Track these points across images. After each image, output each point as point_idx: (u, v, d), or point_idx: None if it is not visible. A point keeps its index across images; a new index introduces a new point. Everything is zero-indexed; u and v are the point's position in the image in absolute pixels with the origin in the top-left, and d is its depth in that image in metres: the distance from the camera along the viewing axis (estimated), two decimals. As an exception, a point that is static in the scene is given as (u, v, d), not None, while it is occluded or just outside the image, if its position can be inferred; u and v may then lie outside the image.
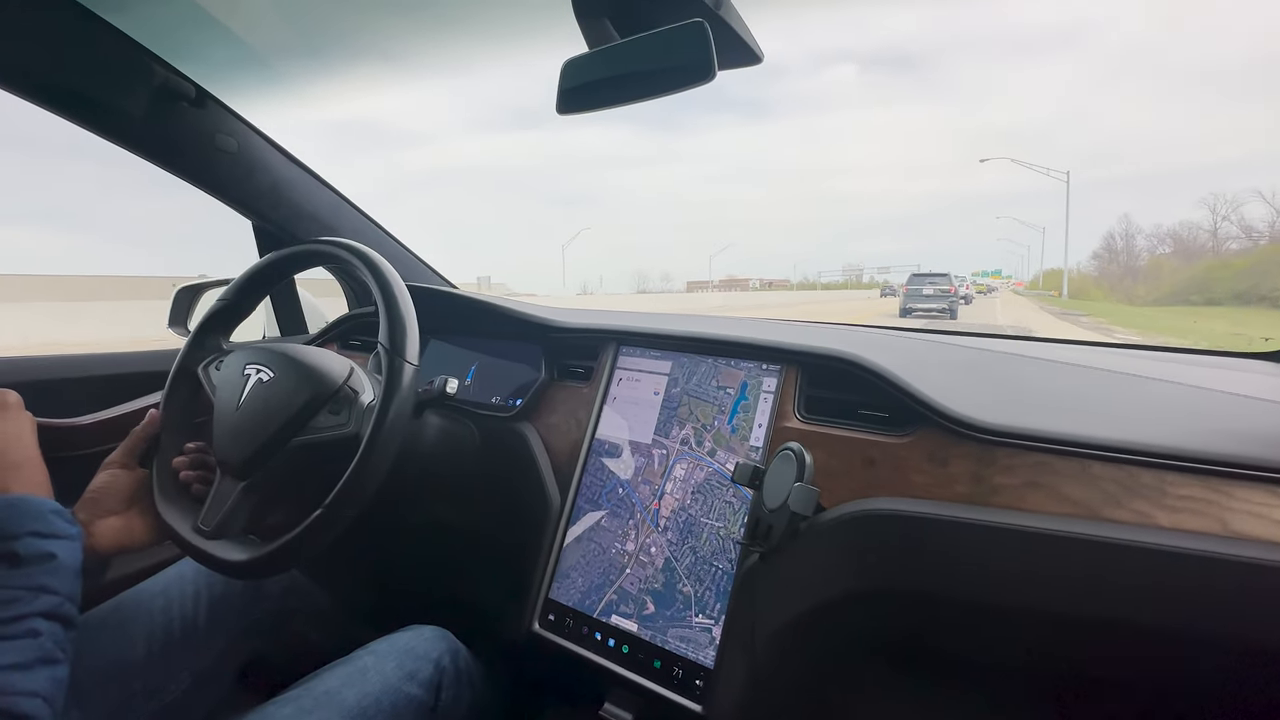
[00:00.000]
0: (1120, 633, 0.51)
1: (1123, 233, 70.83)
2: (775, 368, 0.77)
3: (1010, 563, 0.54)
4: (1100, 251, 75.46)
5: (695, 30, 0.54)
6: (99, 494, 0.66)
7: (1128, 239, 69.70)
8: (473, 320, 1.04)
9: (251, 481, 0.66)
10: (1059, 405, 0.64)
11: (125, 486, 0.67)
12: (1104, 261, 72.44)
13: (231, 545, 0.64)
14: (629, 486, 0.81)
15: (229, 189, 1.06)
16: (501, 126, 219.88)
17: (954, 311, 17.10)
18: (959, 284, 21.45)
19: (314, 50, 1.05)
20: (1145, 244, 67.72)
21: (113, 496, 0.66)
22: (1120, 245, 69.69)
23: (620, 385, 0.87)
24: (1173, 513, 0.52)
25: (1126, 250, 69.05)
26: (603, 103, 0.62)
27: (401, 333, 0.66)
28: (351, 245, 0.73)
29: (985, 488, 0.58)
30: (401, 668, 0.69)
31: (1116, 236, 70.89)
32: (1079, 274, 69.51)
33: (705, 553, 0.73)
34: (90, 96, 0.87)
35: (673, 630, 0.72)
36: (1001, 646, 0.59)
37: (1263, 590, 0.47)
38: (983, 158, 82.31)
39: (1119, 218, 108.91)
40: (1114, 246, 70.62)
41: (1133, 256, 67.34)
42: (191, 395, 0.75)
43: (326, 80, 1.17)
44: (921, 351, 0.79)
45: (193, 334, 0.76)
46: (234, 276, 0.79)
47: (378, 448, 0.62)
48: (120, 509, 0.66)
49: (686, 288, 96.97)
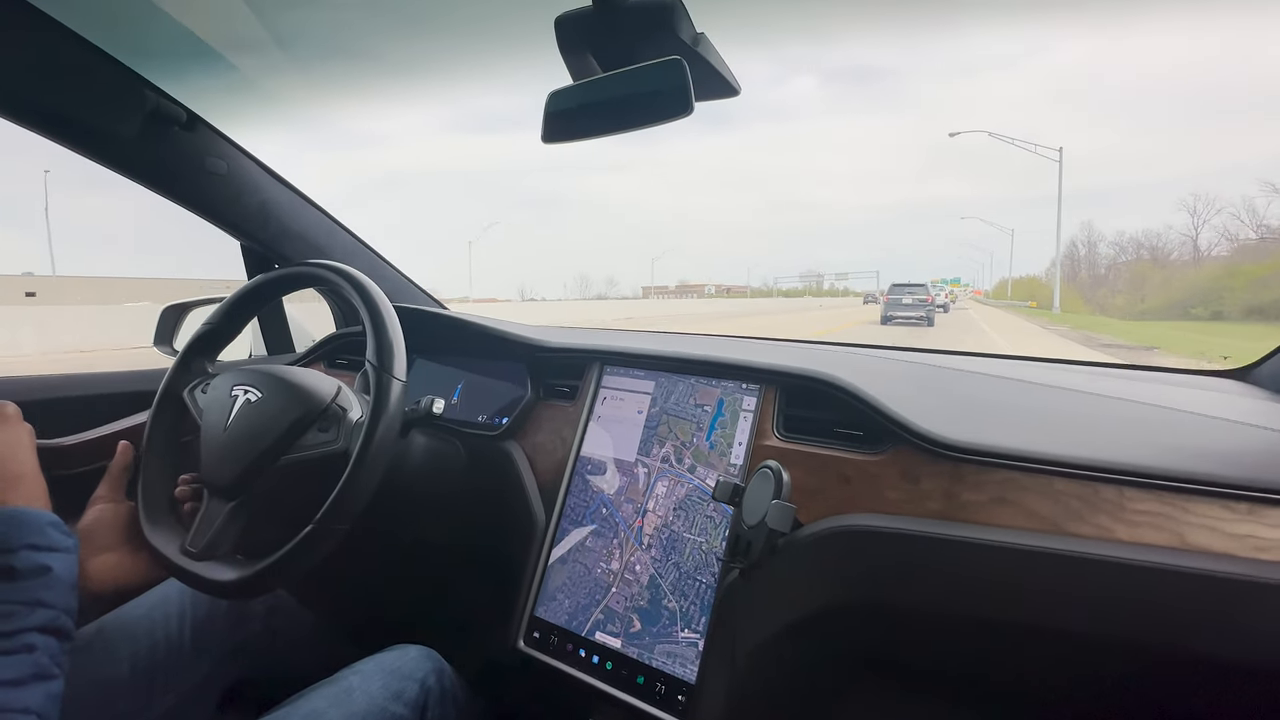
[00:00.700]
0: (1086, 645, 0.53)
1: (1085, 240, 66.78)
2: (755, 387, 0.79)
3: (980, 576, 0.56)
4: (1060, 260, 71.18)
5: (673, 67, 0.56)
6: (89, 531, 0.65)
7: (1090, 246, 65.79)
8: (459, 340, 1.06)
9: (240, 502, 0.67)
10: (1026, 423, 0.66)
11: (115, 522, 0.67)
12: (1065, 270, 67.49)
13: (220, 565, 0.64)
14: (612, 505, 0.82)
15: (218, 211, 1.07)
16: (471, 129, 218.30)
17: (930, 319, 17.79)
18: (936, 293, 22.45)
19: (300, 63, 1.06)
20: (1108, 251, 63.88)
21: (104, 533, 0.66)
22: (1082, 253, 66.18)
23: (605, 404, 0.88)
24: (1132, 527, 0.54)
25: (1089, 258, 65.36)
26: (585, 133, 0.64)
27: (389, 349, 0.68)
28: (336, 266, 0.74)
29: (956, 504, 0.61)
30: (387, 688, 0.69)
31: (1079, 244, 66.90)
32: (1045, 283, 64.99)
33: (689, 568, 0.74)
34: (83, 121, 0.88)
35: (660, 647, 0.73)
36: (973, 659, 0.61)
37: (1217, 602, 0.49)
38: (953, 131, 67.89)
39: (1080, 224, 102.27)
40: (1076, 255, 66.68)
41: (1094, 265, 64.10)
42: (177, 420, 0.75)
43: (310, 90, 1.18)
44: (895, 371, 0.81)
45: (178, 359, 0.77)
46: (213, 295, 0.80)
47: (367, 463, 0.63)
48: (113, 545, 0.66)
49: (643, 293, 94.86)
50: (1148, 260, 53.30)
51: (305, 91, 1.17)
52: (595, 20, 0.60)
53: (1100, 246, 64.37)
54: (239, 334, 0.81)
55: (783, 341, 1.05)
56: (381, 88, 1.17)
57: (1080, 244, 66.38)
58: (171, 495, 0.72)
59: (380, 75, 1.11)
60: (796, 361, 0.77)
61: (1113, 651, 0.53)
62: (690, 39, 0.60)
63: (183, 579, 0.65)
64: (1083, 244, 66.09)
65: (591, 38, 0.62)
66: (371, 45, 0.98)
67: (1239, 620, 0.48)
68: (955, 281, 71.47)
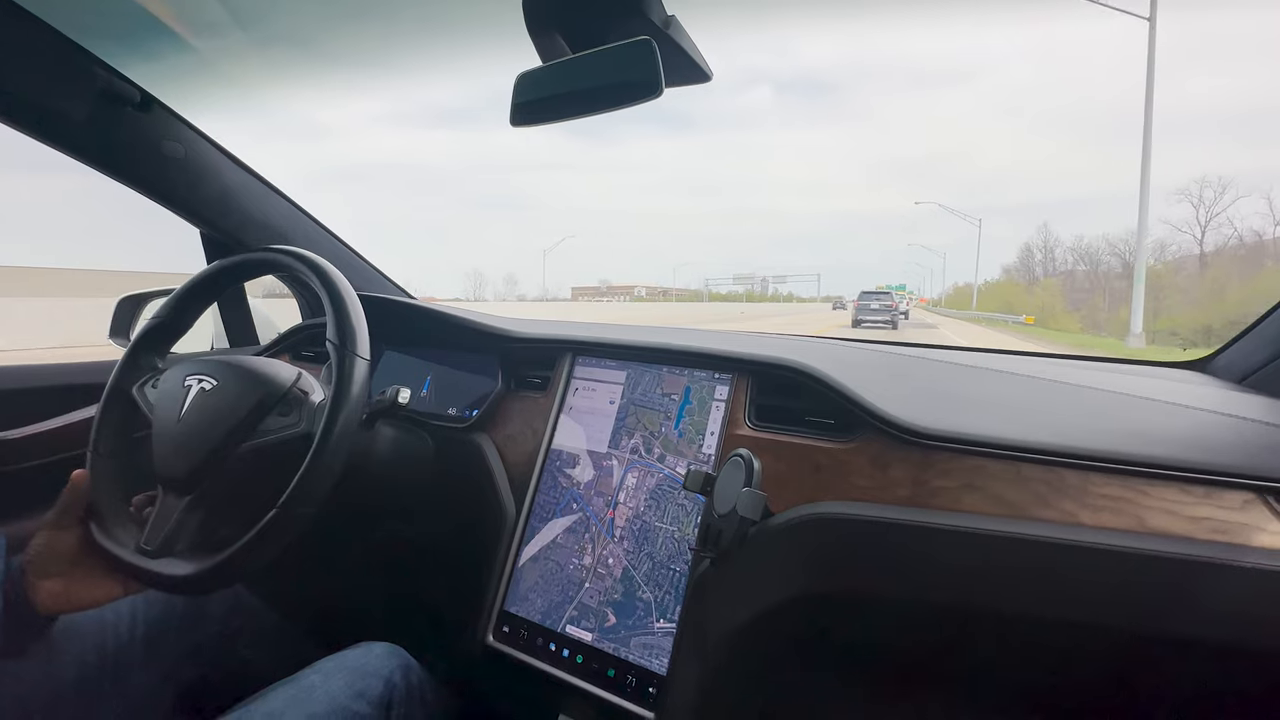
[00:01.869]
0: (1053, 629, 0.54)
1: (1041, 244, 60.07)
2: (728, 376, 0.78)
3: (949, 562, 0.56)
4: (1015, 266, 63.44)
5: (643, 47, 0.55)
6: (37, 558, 0.62)
7: (1047, 251, 58.91)
8: (429, 331, 1.03)
9: (197, 495, 0.64)
10: (993, 410, 0.67)
11: (64, 549, 0.64)
12: (1017, 276, 60.47)
13: (177, 561, 0.62)
14: (583, 499, 0.81)
15: (176, 196, 1.03)
16: (423, 123, 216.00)
17: (895, 323, 20.76)
18: (899, 300, 26.82)
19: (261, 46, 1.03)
20: (1065, 257, 56.44)
21: (52, 560, 0.63)
22: (1039, 258, 59.14)
23: (576, 395, 0.87)
24: (1095, 511, 0.55)
25: (1046, 264, 58.29)
26: (553, 115, 0.63)
27: (350, 327, 0.66)
28: (291, 250, 0.72)
29: (925, 490, 0.61)
30: (350, 686, 0.67)
31: (1035, 249, 60.37)
32: (1004, 284, 57.90)
33: (662, 557, 0.74)
34: (28, 99, 0.84)
35: (635, 639, 0.72)
36: (943, 646, 0.61)
37: (1177, 584, 0.50)
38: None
39: (1037, 227, 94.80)
40: (1031, 260, 59.82)
41: (1053, 270, 56.34)
42: (126, 418, 0.71)
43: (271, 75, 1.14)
44: (865, 360, 0.82)
45: (125, 354, 0.73)
46: (170, 286, 0.77)
47: (331, 443, 0.61)
48: (61, 572, 0.63)
49: (572, 295, 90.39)
50: (1119, 272, 46.75)
51: (265, 75, 1.14)
52: (563, 1, 0.59)
53: (1057, 251, 58.90)
54: (190, 327, 0.77)
55: (752, 333, 1.05)
56: (341, 76, 1.14)
57: (1036, 249, 60.78)
58: (123, 496, 0.69)
59: (337, 63, 1.08)
60: (769, 350, 0.77)
61: (1079, 635, 0.53)
62: (661, 21, 0.59)
63: (138, 578, 0.63)
64: (1039, 248, 60.42)
65: (560, 18, 0.60)
66: (334, 30, 0.95)
67: (1199, 601, 0.49)
68: (901, 288, 68.94)
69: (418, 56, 1.05)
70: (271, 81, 1.13)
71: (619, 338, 0.88)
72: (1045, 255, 59.85)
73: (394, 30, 0.97)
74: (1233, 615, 0.48)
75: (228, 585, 0.76)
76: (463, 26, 0.94)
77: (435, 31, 0.96)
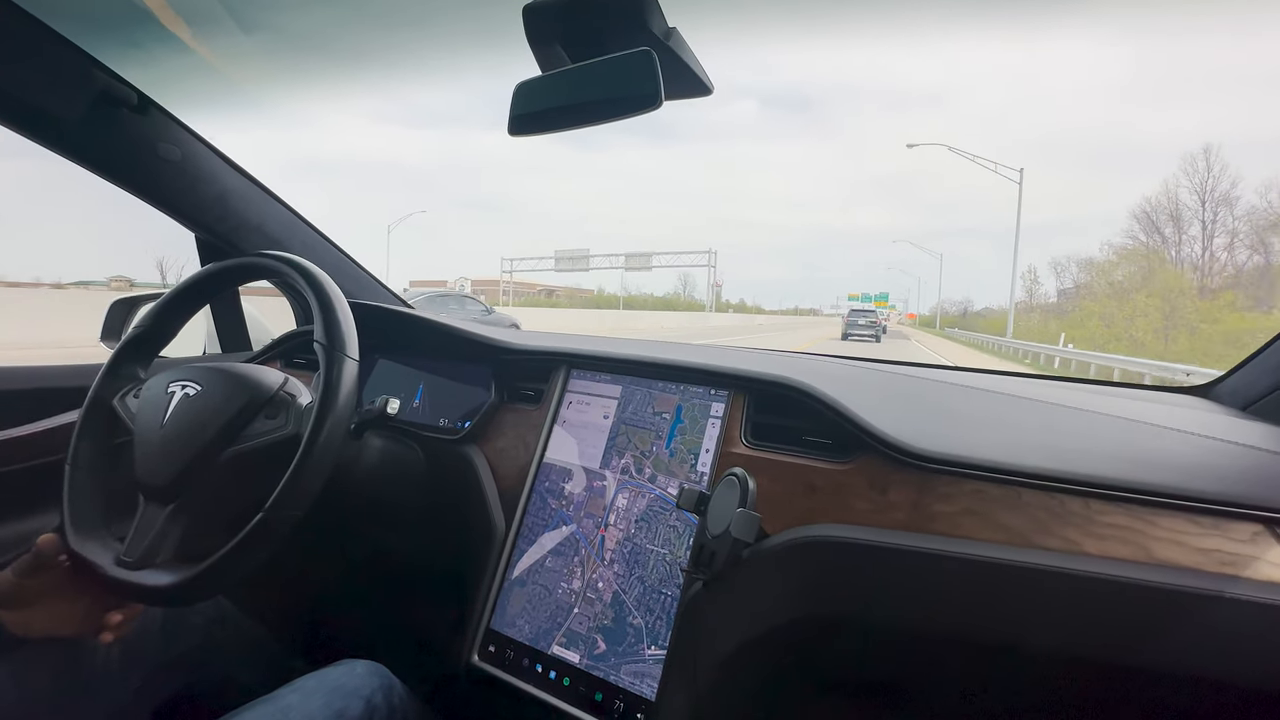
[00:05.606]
0: (1056, 661, 0.52)
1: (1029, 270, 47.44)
2: (724, 393, 0.77)
3: (948, 590, 0.54)
4: None
5: (643, 59, 0.55)
6: (3, 596, 0.61)
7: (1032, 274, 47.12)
8: (423, 340, 1.02)
9: (180, 504, 0.62)
10: (993, 434, 0.65)
11: (29, 594, 0.62)
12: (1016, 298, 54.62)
13: (158, 572, 0.60)
14: (572, 521, 0.79)
15: (172, 200, 1.02)
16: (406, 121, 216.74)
17: (879, 337, 23.82)
18: (882, 316, 31.62)
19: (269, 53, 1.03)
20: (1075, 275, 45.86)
21: (19, 599, 0.61)
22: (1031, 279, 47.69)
23: (570, 408, 0.86)
24: (1100, 540, 0.53)
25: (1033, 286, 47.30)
26: (553, 126, 0.62)
27: (337, 328, 0.64)
28: (277, 254, 0.71)
29: (924, 515, 0.59)
30: (329, 706, 0.65)
31: (1028, 270, 48.40)
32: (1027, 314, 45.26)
33: (653, 581, 0.72)
34: (24, 100, 0.83)
35: (626, 666, 0.70)
36: (941, 676, 0.59)
37: (1185, 618, 0.48)
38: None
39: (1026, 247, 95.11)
40: (1027, 280, 48.26)
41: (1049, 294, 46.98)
42: (106, 429, 0.70)
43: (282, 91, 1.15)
44: (864, 379, 0.80)
45: (106, 365, 0.71)
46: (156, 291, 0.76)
47: (320, 445, 0.59)
48: (25, 605, 0.62)
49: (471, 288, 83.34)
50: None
51: (267, 77, 1.14)
52: (564, 10, 0.58)
53: (1054, 269, 52.55)
54: (175, 334, 0.76)
55: (749, 349, 1.04)
56: (342, 77, 1.14)
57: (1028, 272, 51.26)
58: (102, 508, 0.67)
59: (340, 64, 1.08)
60: (766, 368, 0.76)
61: (1082, 668, 0.51)
62: (662, 33, 0.58)
63: (118, 592, 0.61)
64: (1028, 274, 50.95)
65: (560, 28, 0.60)
66: (335, 32, 0.95)
67: (1207, 635, 0.47)
68: (882, 299, 55.85)
69: (415, 60, 1.05)
70: (271, 81, 1.13)
71: (615, 351, 0.86)
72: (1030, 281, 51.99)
73: (394, 31, 0.96)
74: (1248, 654, 0.47)
75: (211, 596, 0.74)
76: (463, 35, 0.94)
77: (434, 37, 0.96)
